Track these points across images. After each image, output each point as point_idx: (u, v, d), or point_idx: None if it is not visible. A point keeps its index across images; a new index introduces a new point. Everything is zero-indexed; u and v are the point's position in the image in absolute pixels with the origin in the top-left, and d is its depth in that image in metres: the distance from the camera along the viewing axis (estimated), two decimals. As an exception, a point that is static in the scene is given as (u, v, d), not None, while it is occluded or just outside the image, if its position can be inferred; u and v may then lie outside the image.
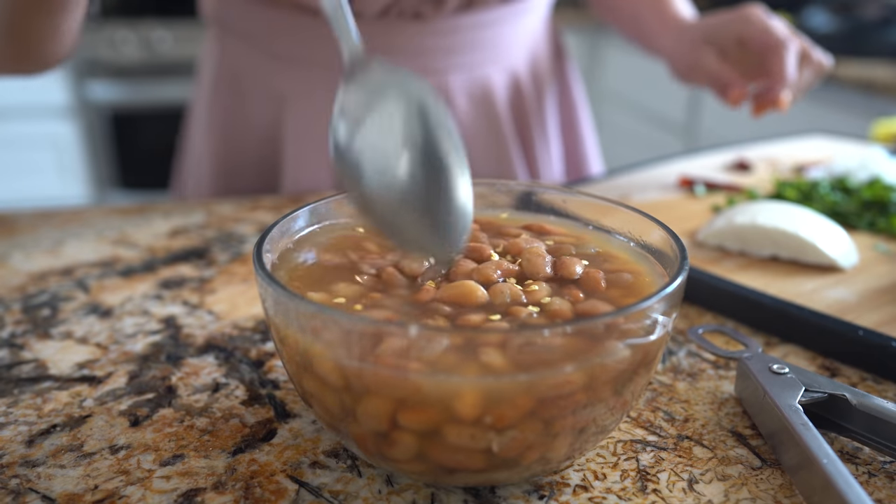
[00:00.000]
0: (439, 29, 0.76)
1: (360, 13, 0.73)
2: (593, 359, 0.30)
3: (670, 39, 0.83)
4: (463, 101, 0.82)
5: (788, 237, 0.57)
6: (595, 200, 0.43)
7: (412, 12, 0.75)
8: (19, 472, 0.36)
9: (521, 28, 0.83)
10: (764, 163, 0.87)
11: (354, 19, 0.73)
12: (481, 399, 0.29)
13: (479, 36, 0.79)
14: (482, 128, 0.84)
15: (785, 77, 0.70)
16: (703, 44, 0.76)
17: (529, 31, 0.85)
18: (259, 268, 0.33)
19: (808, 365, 0.46)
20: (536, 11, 0.85)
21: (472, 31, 0.78)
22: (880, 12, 1.88)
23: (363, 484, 0.35)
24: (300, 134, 0.80)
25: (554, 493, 0.35)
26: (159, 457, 0.37)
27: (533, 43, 0.87)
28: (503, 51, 0.83)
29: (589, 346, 0.30)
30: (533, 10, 0.84)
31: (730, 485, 0.36)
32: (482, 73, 0.82)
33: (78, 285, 0.57)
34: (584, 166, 0.97)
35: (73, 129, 2.60)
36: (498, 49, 0.82)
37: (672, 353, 0.48)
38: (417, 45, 0.77)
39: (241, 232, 0.68)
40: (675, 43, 0.81)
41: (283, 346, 0.33)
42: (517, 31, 0.83)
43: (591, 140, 0.99)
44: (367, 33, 0.74)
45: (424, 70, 0.79)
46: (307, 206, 0.41)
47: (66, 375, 0.45)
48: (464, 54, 0.79)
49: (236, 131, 0.83)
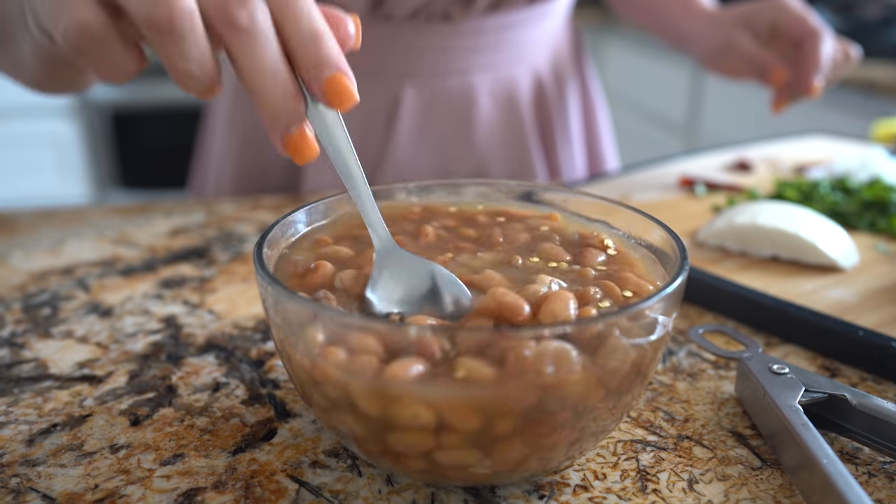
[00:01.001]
0: (466, 30, 0.77)
1: (390, 14, 0.74)
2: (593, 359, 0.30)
3: (698, 24, 0.83)
4: (487, 101, 0.83)
5: (789, 237, 0.57)
6: (596, 200, 0.43)
7: (441, 13, 0.76)
8: (20, 471, 0.36)
9: (544, 28, 0.84)
10: (764, 163, 0.87)
11: (385, 21, 0.74)
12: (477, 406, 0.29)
13: (504, 37, 0.80)
14: (505, 128, 0.85)
15: (820, 63, 0.71)
16: (737, 28, 0.77)
17: (552, 31, 0.86)
18: (259, 267, 0.33)
19: (809, 365, 0.46)
20: (559, 12, 0.86)
21: (498, 31, 0.79)
22: (880, 12, 1.88)
23: (363, 483, 0.35)
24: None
25: (554, 493, 0.35)
26: (159, 456, 0.37)
27: (555, 42, 0.88)
28: (527, 51, 0.84)
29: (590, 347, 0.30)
30: (557, 11, 0.85)
31: (730, 485, 0.36)
32: (507, 73, 0.83)
33: (78, 285, 0.57)
34: (602, 163, 0.98)
35: (73, 128, 2.60)
36: (522, 49, 0.83)
37: (672, 353, 0.48)
38: (445, 46, 0.78)
39: (242, 231, 0.68)
40: (704, 27, 0.82)
41: (284, 346, 0.33)
42: (541, 32, 0.84)
43: (609, 137, 1.00)
44: (396, 34, 0.75)
45: (451, 70, 0.79)
46: (307, 206, 0.41)
47: (67, 375, 0.45)
48: (489, 55, 0.80)
49: (259, 131, 0.84)
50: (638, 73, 2.50)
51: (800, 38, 0.73)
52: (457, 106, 0.81)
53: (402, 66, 0.78)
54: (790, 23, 0.74)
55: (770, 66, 0.74)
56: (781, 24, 0.74)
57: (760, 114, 1.92)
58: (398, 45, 0.76)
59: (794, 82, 0.73)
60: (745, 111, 1.97)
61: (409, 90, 0.79)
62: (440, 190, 0.46)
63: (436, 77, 0.79)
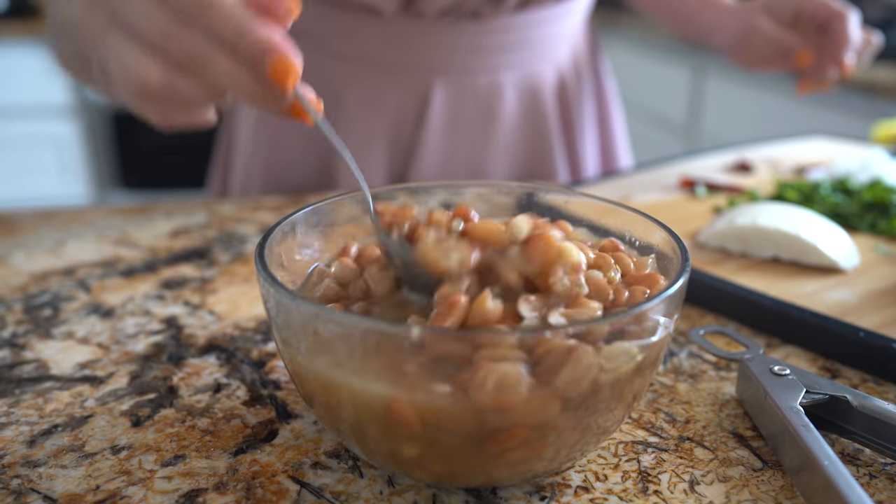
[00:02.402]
0: (495, 28, 0.79)
1: (421, 13, 0.76)
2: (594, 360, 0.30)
3: (718, 14, 0.85)
4: (513, 98, 0.84)
5: (789, 238, 0.57)
6: (597, 201, 0.43)
7: (471, 12, 0.77)
8: (21, 472, 0.36)
9: (567, 26, 0.86)
10: (765, 164, 0.87)
11: (416, 18, 0.76)
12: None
13: (531, 35, 0.82)
14: (529, 125, 0.87)
15: (849, 41, 0.73)
16: (759, 14, 0.79)
17: (573, 29, 0.88)
18: (261, 268, 0.33)
19: (809, 366, 0.46)
20: (580, 10, 0.88)
21: (525, 29, 0.81)
22: (881, 13, 1.88)
23: (364, 485, 0.35)
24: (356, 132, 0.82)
25: (555, 494, 0.35)
26: (161, 457, 0.37)
27: (575, 40, 0.90)
28: (551, 49, 0.86)
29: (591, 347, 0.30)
30: (578, 9, 0.87)
31: (731, 486, 0.36)
32: (532, 70, 0.85)
33: (79, 285, 0.57)
34: (616, 160, 0.99)
35: (74, 128, 2.60)
36: (547, 47, 0.85)
37: (673, 355, 0.48)
38: (474, 44, 0.79)
39: (243, 232, 0.68)
40: (726, 16, 0.84)
41: (285, 347, 0.33)
42: (564, 29, 0.86)
43: (623, 134, 1.01)
44: (426, 31, 0.77)
45: (479, 68, 0.81)
46: (309, 207, 0.41)
47: (68, 375, 0.45)
48: (516, 52, 0.82)
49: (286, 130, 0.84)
50: (639, 73, 2.50)
51: (826, 21, 0.75)
52: (484, 103, 0.83)
53: (431, 63, 0.80)
54: (815, 8, 0.76)
55: (795, 48, 0.76)
56: (806, 11, 0.76)
57: (761, 115, 1.92)
58: (428, 42, 0.78)
59: (819, 65, 0.75)
60: (746, 112, 1.98)
61: (439, 87, 0.81)
62: (440, 191, 0.46)
63: (464, 74, 0.81)
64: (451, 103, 0.82)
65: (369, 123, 0.82)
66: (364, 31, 0.78)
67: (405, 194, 0.46)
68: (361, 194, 0.44)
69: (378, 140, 0.82)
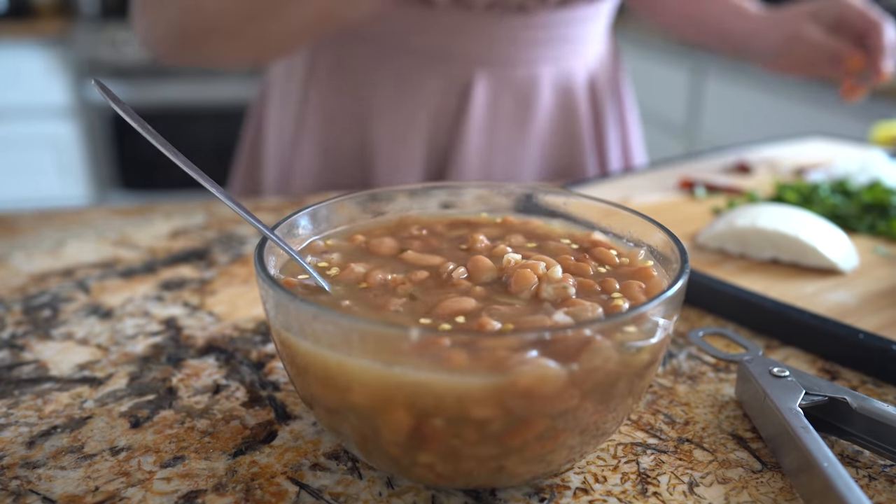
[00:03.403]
0: (537, 22, 0.81)
1: (471, 4, 0.78)
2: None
3: (756, 24, 0.88)
4: (548, 93, 0.87)
5: (789, 240, 0.57)
6: (596, 203, 0.43)
7: (517, 5, 0.79)
8: (20, 473, 0.36)
9: (598, 25, 0.89)
10: (764, 165, 0.87)
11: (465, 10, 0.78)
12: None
13: (568, 32, 0.85)
14: (562, 119, 0.90)
15: (886, 49, 0.77)
16: (804, 21, 0.81)
17: (601, 30, 0.91)
18: (260, 269, 0.33)
19: (809, 368, 0.46)
20: (607, 13, 0.91)
21: (563, 26, 0.84)
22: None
23: (363, 486, 0.35)
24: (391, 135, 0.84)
25: (554, 496, 0.35)
26: (160, 458, 0.37)
27: (602, 40, 0.93)
28: (585, 46, 0.88)
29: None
30: (607, 11, 0.90)
31: (730, 488, 0.36)
32: (567, 66, 0.87)
33: (78, 286, 0.57)
34: (633, 157, 1.01)
35: (73, 129, 2.60)
36: (580, 45, 0.88)
37: (672, 356, 0.48)
38: (516, 37, 0.82)
39: (242, 233, 0.68)
40: (764, 26, 0.86)
41: (284, 348, 0.33)
42: (595, 30, 0.89)
43: (638, 136, 1.03)
44: (472, 21, 0.79)
45: (519, 60, 0.84)
46: (308, 209, 0.41)
47: (67, 377, 0.45)
48: (555, 47, 0.85)
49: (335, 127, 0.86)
50: (638, 75, 2.50)
51: (864, 30, 0.78)
52: (522, 96, 0.85)
53: (474, 54, 0.82)
54: (855, 17, 0.79)
55: (845, 53, 0.78)
56: (846, 18, 0.79)
57: (760, 116, 1.92)
58: (472, 32, 0.80)
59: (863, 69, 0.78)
60: (745, 113, 1.98)
61: (481, 78, 0.83)
62: (441, 192, 0.46)
63: (505, 66, 0.83)
64: (491, 96, 0.84)
65: (411, 116, 0.83)
66: (414, 21, 0.80)
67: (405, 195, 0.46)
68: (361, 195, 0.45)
69: (416, 136, 0.84)
